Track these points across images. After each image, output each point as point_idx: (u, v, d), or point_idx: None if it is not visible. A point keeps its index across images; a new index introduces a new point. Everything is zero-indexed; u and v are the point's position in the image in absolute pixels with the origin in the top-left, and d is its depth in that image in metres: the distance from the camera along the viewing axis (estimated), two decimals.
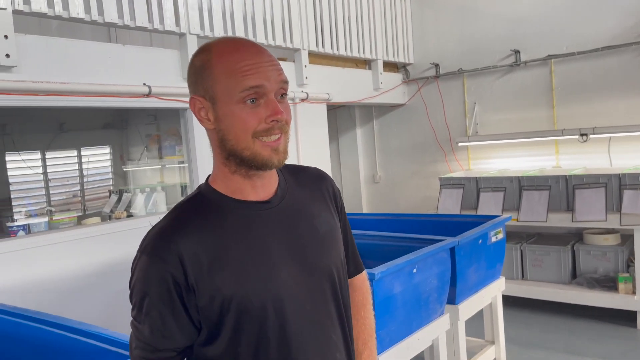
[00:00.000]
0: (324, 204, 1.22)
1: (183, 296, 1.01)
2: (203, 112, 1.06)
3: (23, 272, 2.68)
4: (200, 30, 3.46)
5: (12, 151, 5.11)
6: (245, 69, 1.01)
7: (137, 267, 1.05)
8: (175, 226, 1.04)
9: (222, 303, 1.01)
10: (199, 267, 1.01)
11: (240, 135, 1.03)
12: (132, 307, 1.06)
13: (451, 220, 3.56)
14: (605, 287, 3.98)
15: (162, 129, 4.54)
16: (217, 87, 1.03)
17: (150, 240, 1.04)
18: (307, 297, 1.09)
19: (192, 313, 1.03)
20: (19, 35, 2.64)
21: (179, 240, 1.01)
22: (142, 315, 1.03)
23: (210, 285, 1.01)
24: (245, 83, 1.00)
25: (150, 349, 1.04)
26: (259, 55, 1.04)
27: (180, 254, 1.00)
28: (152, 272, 1.01)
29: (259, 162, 1.04)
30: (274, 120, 1.02)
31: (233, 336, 1.03)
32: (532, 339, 3.84)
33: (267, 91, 1.02)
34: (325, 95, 4.41)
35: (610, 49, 4.39)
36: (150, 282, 1.02)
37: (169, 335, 1.03)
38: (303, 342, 1.07)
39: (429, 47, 5.49)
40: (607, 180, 4.02)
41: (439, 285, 2.56)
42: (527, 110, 4.90)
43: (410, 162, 5.73)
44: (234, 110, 1.02)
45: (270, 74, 1.03)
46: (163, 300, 1.01)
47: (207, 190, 1.10)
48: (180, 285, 1.01)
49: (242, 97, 1.01)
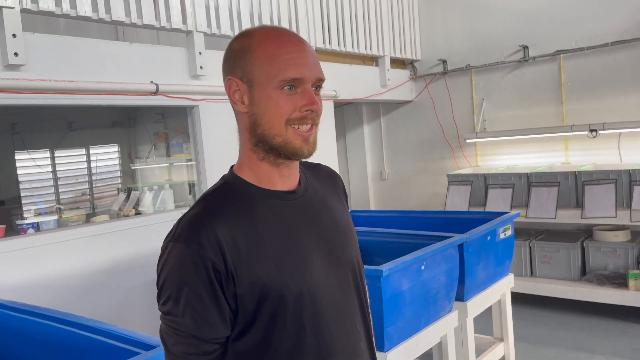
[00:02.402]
0: (338, 199, 1.24)
1: (223, 283, 0.98)
2: (238, 95, 1.06)
3: (33, 269, 2.70)
4: (207, 28, 3.46)
5: (21, 150, 5.14)
6: (287, 57, 1.02)
7: (169, 257, 0.99)
8: (210, 213, 1.02)
9: (260, 291, 0.99)
10: (237, 253, 0.98)
11: (273, 120, 1.02)
12: (164, 301, 1.00)
13: (459, 217, 3.55)
14: (615, 283, 3.95)
15: (170, 127, 4.55)
16: (256, 70, 1.03)
17: (185, 227, 1.00)
18: (335, 287, 1.09)
19: (230, 301, 1.00)
20: (27, 34, 2.66)
21: (215, 226, 0.98)
22: (181, 306, 0.97)
23: (249, 273, 0.99)
24: (287, 73, 1.01)
25: (195, 342, 0.99)
26: (301, 45, 1.05)
27: (218, 240, 0.97)
28: (190, 259, 0.97)
29: (290, 150, 1.04)
30: (308, 109, 1.03)
31: (269, 325, 1.02)
32: (541, 336, 3.82)
33: (305, 81, 1.03)
34: (332, 92, 4.40)
35: (620, 44, 4.35)
36: (189, 270, 0.97)
37: (214, 324, 0.99)
38: (334, 331, 1.08)
39: (436, 43, 5.46)
40: (617, 176, 3.98)
41: (448, 282, 2.55)
42: (535, 106, 4.86)
43: (418, 159, 5.71)
44: (270, 95, 1.02)
45: (310, 66, 1.04)
46: (205, 288, 0.97)
47: (234, 180, 1.09)
48: (220, 272, 0.97)
49: (280, 85, 1.01)
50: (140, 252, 3.12)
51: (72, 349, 1.80)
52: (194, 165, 3.64)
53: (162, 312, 1.01)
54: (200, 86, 3.41)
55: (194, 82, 3.43)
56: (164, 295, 1.00)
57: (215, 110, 3.52)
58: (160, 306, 1.01)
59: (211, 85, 3.46)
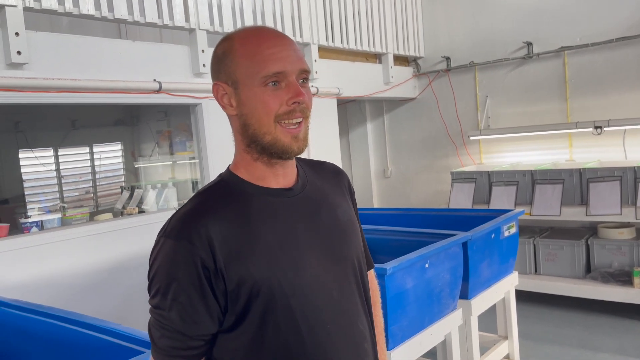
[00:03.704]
0: (342, 196, 1.22)
1: (211, 280, 0.99)
2: (226, 98, 1.07)
3: (36, 267, 2.70)
4: (210, 26, 3.45)
5: (25, 148, 5.16)
6: (267, 53, 1.02)
7: (160, 251, 1.00)
8: (202, 210, 1.02)
9: (251, 288, 0.99)
10: (227, 251, 0.99)
11: (262, 118, 1.03)
12: (153, 294, 1.01)
13: (463, 214, 3.53)
14: (620, 281, 3.93)
15: (173, 125, 4.55)
16: (239, 71, 1.04)
17: (177, 223, 1.01)
18: (334, 285, 1.08)
19: (220, 298, 1.00)
20: (30, 33, 2.65)
21: (207, 224, 0.99)
22: (168, 301, 0.99)
23: (240, 270, 0.99)
24: (268, 68, 1.01)
25: (179, 337, 1.00)
26: (281, 40, 1.05)
27: (209, 237, 0.98)
28: (180, 255, 0.97)
29: (279, 148, 1.04)
30: (295, 102, 1.03)
31: (261, 322, 1.01)
32: (545, 334, 3.81)
33: (288, 74, 1.03)
34: (335, 89, 4.39)
35: (625, 40, 4.32)
36: (178, 266, 0.98)
37: (200, 321, 1.00)
38: (332, 331, 1.06)
39: (439, 40, 5.44)
40: (622, 174, 3.96)
41: (452, 280, 2.54)
42: (540, 103, 4.84)
43: (421, 157, 5.69)
44: (256, 93, 1.02)
45: (291, 59, 1.04)
46: (193, 285, 0.98)
47: (230, 177, 1.09)
48: (209, 270, 0.98)
49: (264, 81, 1.02)
50: (143, 250, 3.12)
51: (76, 348, 1.80)
52: (197, 163, 3.64)
53: (151, 305, 1.02)
54: (203, 84, 3.41)
55: (197, 80, 3.42)
56: (153, 289, 1.01)
57: (218, 108, 3.49)
58: (150, 299, 1.02)
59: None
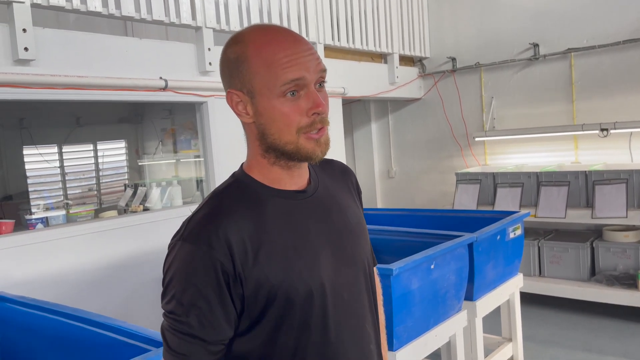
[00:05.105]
0: (350, 197, 1.22)
1: (230, 285, 0.97)
2: (241, 106, 1.04)
3: (42, 264, 2.71)
4: (217, 24, 3.45)
5: (29, 145, 5.16)
6: (284, 61, 0.98)
7: (176, 256, 0.98)
8: (220, 212, 1.00)
9: (269, 291, 0.99)
10: (245, 254, 0.97)
11: (283, 130, 1.00)
12: (169, 299, 0.99)
13: (467, 215, 3.52)
14: (625, 284, 3.91)
15: (178, 123, 4.55)
16: (255, 80, 1.00)
17: (195, 226, 0.99)
18: (344, 287, 1.08)
19: (237, 303, 0.99)
20: (37, 29, 2.66)
21: (226, 227, 0.97)
22: (186, 306, 0.97)
23: (257, 274, 0.98)
24: (286, 76, 0.98)
25: (200, 342, 0.98)
26: (297, 44, 1.01)
27: (228, 240, 0.96)
28: (199, 260, 0.96)
29: (303, 155, 1.02)
30: (315, 112, 1.00)
31: (276, 325, 1.01)
32: (550, 337, 3.80)
33: (307, 82, 1.00)
34: (340, 89, 4.38)
35: (632, 42, 4.30)
36: (197, 271, 0.96)
37: (219, 326, 0.98)
38: (341, 332, 1.06)
39: (445, 41, 5.43)
40: (628, 176, 3.94)
41: (457, 282, 2.53)
42: (545, 104, 4.82)
43: (426, 157, 5.68)
44: (274, 105, 1.00)
45: (309, 64, 1.00)
46: (212, 290, 0.96)
47: (244, 177, 1.08)
48: (228, 274, 0.96)
49: (282, 91, 0.98)
50: (148, 247, 3.12)
51: (81, 345, 1.80)
52: (202, 161, 3.64)
53: (165, 311, 1.00)
54: (209, 82, 3.40)
55: (203, 78, 3.42)
56: (169, 294, 0.99)
57: (224, 106, 3.49)
58: (164, 304, 1.00)
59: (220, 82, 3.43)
